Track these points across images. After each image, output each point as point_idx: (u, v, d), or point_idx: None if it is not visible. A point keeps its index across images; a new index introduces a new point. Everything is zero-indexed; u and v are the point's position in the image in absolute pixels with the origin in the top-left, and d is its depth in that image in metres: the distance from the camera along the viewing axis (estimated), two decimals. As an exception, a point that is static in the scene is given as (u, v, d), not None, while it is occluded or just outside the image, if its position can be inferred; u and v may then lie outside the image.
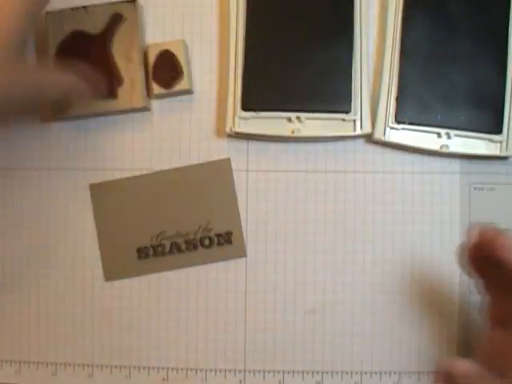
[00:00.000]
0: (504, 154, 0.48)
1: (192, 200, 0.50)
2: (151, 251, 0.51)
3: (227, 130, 0.49)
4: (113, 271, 0.51)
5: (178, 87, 0.49)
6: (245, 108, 0.49)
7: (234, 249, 0.50)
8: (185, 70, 0.49)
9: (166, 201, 0.50)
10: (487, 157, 0.49)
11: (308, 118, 0.48)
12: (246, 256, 0.50)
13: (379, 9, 0.50)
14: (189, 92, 0.50)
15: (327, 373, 0.49)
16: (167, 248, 0.50)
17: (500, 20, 0.49)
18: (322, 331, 0.49)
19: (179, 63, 0.49)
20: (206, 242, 0.50)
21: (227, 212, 0.50)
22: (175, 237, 0.50)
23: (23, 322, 0.51)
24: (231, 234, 0.50)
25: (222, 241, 0.50)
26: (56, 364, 0.51)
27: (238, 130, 0.48)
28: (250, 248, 0.50)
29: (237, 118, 0.49)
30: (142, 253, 0.51)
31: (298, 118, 0.48)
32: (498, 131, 0.48)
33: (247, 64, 0.49)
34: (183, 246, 0.50)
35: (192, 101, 0.51)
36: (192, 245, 0.50)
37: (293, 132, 0.48)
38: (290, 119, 0.48)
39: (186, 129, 0.51)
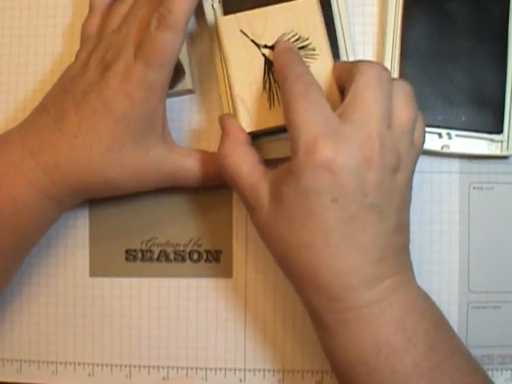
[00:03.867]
0: (505, 153, 0.48)
1: (187, 211, 0.50)
2: (140, 255, 0.50)
3: None
4: (98, 268, 0.51)
5: (179, 87, 0.49)
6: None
7: (222, 268, 0.50)
8: (186, 69, 0.49)
9: (163, 206, 0.50)
10: (487, 156, 0.49)
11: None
12: (231, 277, 0.50)
13: (379, 8, 0.50)
14: (190, 92, 0.50)
15: (327, 372, 0.49)
16: (156, 254, 0.50)
17: (500, 19, 0.49)
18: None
19: (180, 62, 0.48)
20: (195, 256, 0.50)
21: (220, 230, 0.50)
22: (165, 245, 0.50)
23: (23, 320, 0.51)
24: (220, 253, 0.50)
25: (210, 258, 0.50)
26: (56, 363, 0.51)
27: None
28: (250, 248, 0.50)
29: None
30: (130, 255, 0.50)
31: None
32: (499, 131, 0.48)
33: None
34: (172, 256, 0.50)
35: (193, 101, 0.50)
36: (181, 256, 0.50)
37: None
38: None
39: (186, 128, 0.51)
